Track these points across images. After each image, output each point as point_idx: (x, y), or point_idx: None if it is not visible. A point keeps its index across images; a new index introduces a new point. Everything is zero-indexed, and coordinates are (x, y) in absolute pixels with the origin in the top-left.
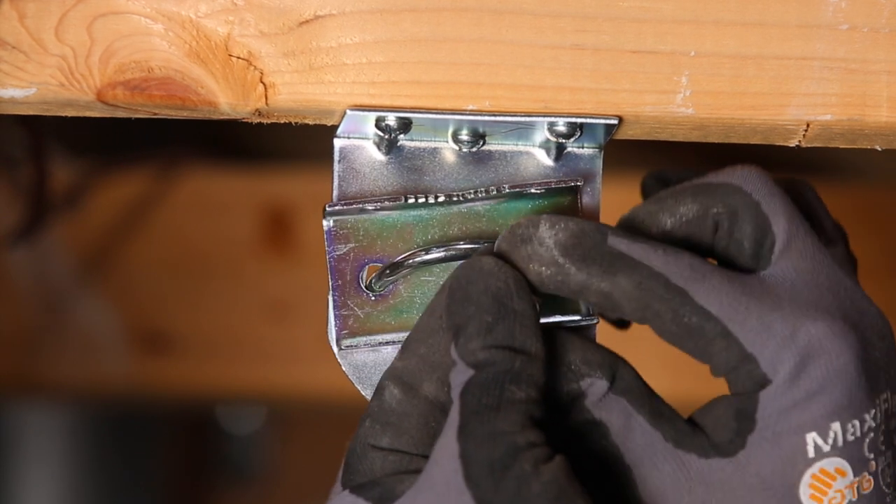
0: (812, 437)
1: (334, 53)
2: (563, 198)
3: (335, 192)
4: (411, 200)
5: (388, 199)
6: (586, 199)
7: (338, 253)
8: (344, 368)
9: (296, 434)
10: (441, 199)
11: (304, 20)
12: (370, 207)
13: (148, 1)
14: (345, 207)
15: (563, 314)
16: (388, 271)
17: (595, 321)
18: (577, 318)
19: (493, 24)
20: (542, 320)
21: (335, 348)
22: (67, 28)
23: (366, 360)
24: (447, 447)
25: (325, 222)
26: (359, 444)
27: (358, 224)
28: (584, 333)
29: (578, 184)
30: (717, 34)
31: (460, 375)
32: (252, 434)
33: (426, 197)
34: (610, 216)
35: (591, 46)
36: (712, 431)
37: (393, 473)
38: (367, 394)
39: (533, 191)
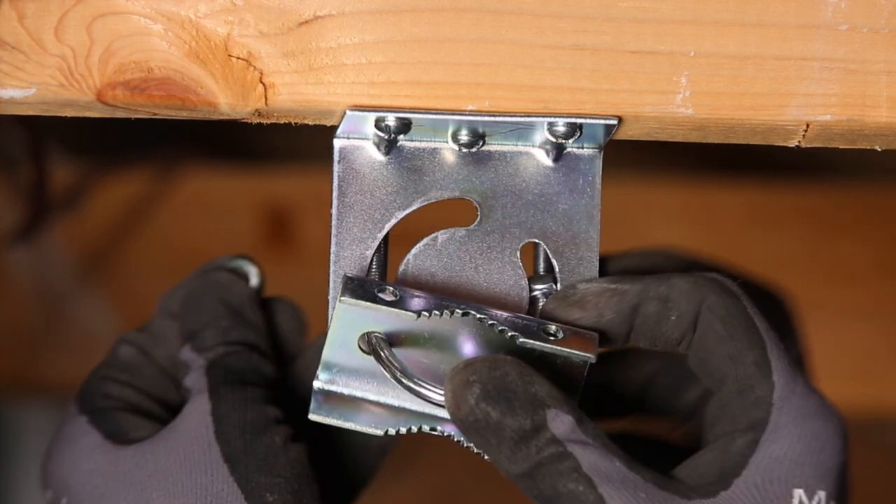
0: (799, 494)
1: (334, 54)
2: (573, 366)
3: (335, 192)
4: (426, 315)
5: (406, 301)
6: (585, 201)
7: (346, 318)
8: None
9: None
10: (459, 313)
11: (303, 20)
12: (388, 298)
13: (147, 1)
14: (360, 299)
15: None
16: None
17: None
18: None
19: (493, 25)
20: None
21: (315, 382)
22: (67, 28)
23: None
24: (198, 405)
25: (339, 304)
26: (94, 377)
27: (369, 314)
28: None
29: (591, 360)
30: (717, 34)
31: (197, 364)
32: None
33: (444, 312)
34: (609, 216)
35: (591, 47)
36: (694, 476)
37: (128, 409)
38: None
39: (547, 350)
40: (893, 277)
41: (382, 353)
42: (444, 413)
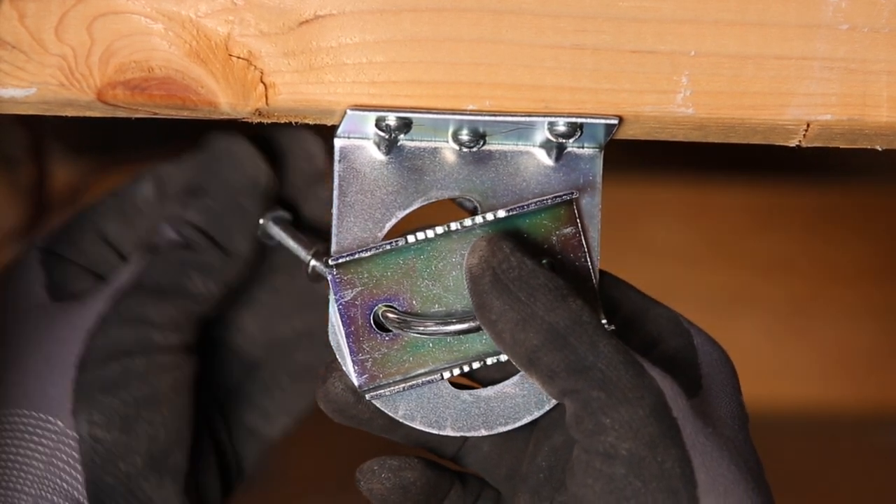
0: None
1: (334, 53)
2: (559, 209)
3: (335, 192)
4: (411, 239)
5: (388, 243)
6: (586, 200)
7: (345, 299)
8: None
9: (296, 434)
10: (440, 230)
11: (304, 20)
12: (369, 254)
13: (148, 1)
14: (347, 258)
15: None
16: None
17: None
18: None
19: (494, 24)
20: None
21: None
22: (67, 28)
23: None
24: (99, 301)
25: (328, 274)
26: (89, 222)
27: (361, 267)
28: None
29: (574, 196)
30: (717, 34)
31: (162, 233)
32: None
33: (425, 232)
34: (610, 216)
35: (592, 46)
36: None
37: (86, 265)
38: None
39: (530, 209)
40: (893, 277)
41: (406, 318)
42: (479, 346)
